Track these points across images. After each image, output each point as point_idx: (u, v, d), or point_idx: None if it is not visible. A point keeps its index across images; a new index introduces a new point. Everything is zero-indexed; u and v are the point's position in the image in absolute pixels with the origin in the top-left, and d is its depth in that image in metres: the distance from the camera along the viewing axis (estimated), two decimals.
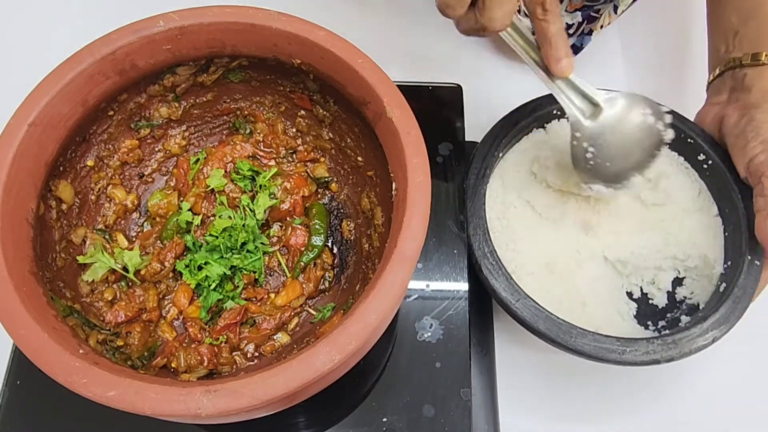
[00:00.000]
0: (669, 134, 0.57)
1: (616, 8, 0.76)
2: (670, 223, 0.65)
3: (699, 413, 0.64)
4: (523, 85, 0.81)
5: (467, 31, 0.53)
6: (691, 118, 0.67)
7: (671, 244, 0.65)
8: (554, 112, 0.67)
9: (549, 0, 0.51)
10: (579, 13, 0.76)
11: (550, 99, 0.66)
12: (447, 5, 0.50)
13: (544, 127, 0.68)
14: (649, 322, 0.62)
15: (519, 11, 0.57)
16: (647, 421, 0.64)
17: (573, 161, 0.59)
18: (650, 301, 0.64)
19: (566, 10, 0.76)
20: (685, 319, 0.61)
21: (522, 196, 0.66)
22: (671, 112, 0.59)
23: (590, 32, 0.78)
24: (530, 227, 0.65)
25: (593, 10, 0.75)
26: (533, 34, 0.55)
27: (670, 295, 0.64)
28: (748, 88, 0.62)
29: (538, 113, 0.66)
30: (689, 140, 0.65)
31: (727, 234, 0.62)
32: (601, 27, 0.78)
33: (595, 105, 0.57)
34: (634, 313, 0.63)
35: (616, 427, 0.63)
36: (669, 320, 0.62)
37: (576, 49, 0.79)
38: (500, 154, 0.65)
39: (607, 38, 0.84)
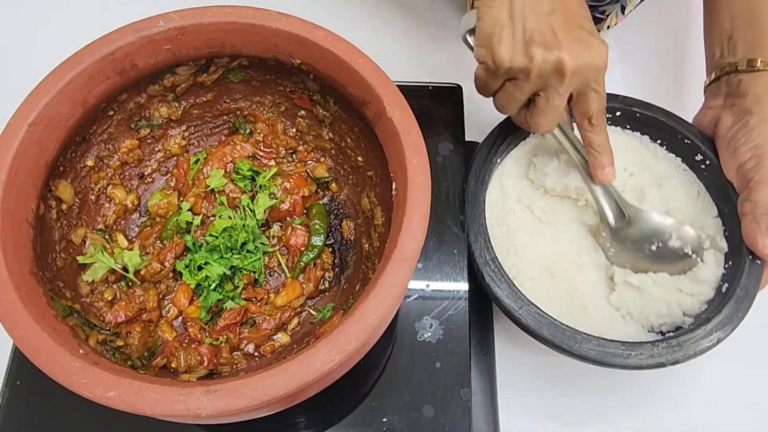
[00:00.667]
0: (709, 256, 0.61)
1: (623, 9, 0.76)
2: None
3: (701, 414, 0.64)
4: None
5: (519, 125, 0.61)
6: (690, 121, 0.67)
7: None
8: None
9: (596, 115, 0.56)
10: None
11: None
12: (502, 105, 0.57)
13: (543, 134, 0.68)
14: (651, 324, 0.62)
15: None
16: (649, 423, 0.63)
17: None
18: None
19: None
20: (687, 321, 0.61)
21: (521, 202, 0.66)
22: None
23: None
24: (530, 232, 0.65)
25: (599, 11, 0.75)
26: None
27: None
28: (743, 94, 0.62)
29: None
30: (686, 141, 0.65)
31: (727, 234, 0.62)
32: (608, 27, 0.78)
33: (623, 215, 0.61)
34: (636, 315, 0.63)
35: (617, 428, 0.63)
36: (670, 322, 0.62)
37: None
38: (498, 160, 0.65)
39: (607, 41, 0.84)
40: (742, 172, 0.59)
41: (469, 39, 0.57)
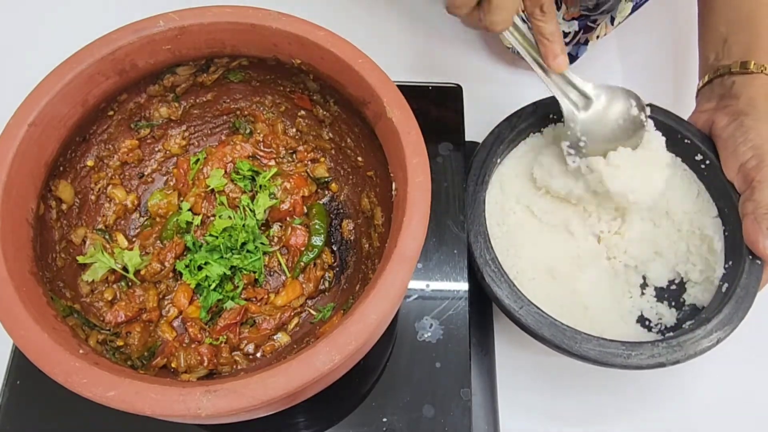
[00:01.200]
0: (650, 124, 0.62)
1: (612, 20, 0.76)
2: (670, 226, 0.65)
3: (701, 414, 0.64)
4: (523, 85, 0.81)
5: (472, 27, 0.57)
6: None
7: (672, 246, 0.65)
8: (551, 116, 0.67)
9: (547, 3, 0.55)
10: (576, 23, 0.76)
11: (546, 103, 0.66)
12: (454, 5, 0.54)
13: (541, 132, 0.68)
14: (652, 325, 0.62)
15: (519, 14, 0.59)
16: (649, 423, 0.63)
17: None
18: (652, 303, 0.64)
19: (563, 19, 0.76)
20: (687, 320, 0.61)
21: (521, 202, 0.66)
22: (650, 104, 0.63)
23: (586, 42, 0.78)
24: (530, 233, 0.65)
25: (590, 20, 0.75)
26: (532, 34, 0.58)
27: (672, 296, 0.64)
28: (736, 96, 0.62)
29: (534, 118, 0.66)
30: (686, 141, 0.65)
31: (727, 234, 0.62)
32: (597, 37, 0.78)
33: (586, 98, 0.61)
34: (637, 315, 0.63)
35: (617, 428, 0.63)
36: (671, 322, 0.62)
37: (572, 58, 0.79)
38: (498, 160, 0.65)
39: (603, 47, 0.84)
40: (743, 172, 0.59)
41: None
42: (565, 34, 0.77)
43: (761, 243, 0.56)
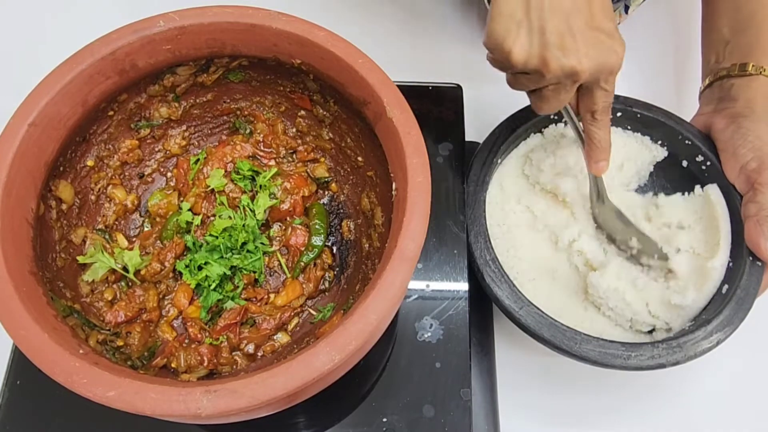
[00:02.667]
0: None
1: (627, 8, 0.76)
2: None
3: (701, 415, 0.63)
4: None
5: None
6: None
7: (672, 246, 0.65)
8: (551, 116, 0.67)
9: (600, 110, 0.55)
10: None
11: None
12: (511, 85, 0.55)
13: (541, 132, 0.68)
14: (651, 326, 0.62)
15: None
16: (649, 423, 0.63)
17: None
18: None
19: None
20: (688, 323, 0.61)
21: (521, 202, 0.66)
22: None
23: None
24: (531, 233, 0.65)
25: None
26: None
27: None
28: (734, 98, 0.62)
29: (535, 118, 0.66)
30: (687, 141, 0.65)
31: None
32: None
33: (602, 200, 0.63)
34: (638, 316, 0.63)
35: (618, 429, 0.63)
36: (670, 323, 0.62)
37: None
38: (498, 161, 0.65)
39: None
40: (745, 174, 0.59)
41: None
42: None
43: (763, 245, 0.56)
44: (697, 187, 0.65)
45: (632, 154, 0.68)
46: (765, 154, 0.58)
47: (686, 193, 0.66)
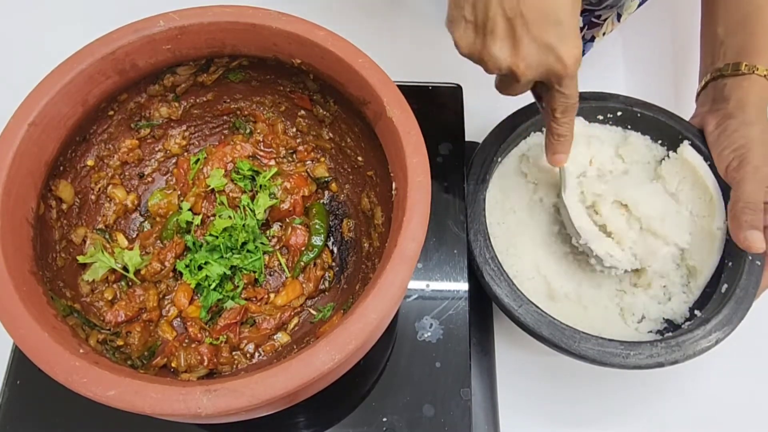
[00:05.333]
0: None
1: (619, 16, 0.76)
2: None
3: (702, 415, 0.64)
4: None
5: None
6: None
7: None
8: None
9: (560, 110, 0.54)
10: (580, 18, 0.76)
11: None
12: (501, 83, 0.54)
13: (542, 131, 0.68)
14: (651, 325, 0.62)
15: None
16: (649, 423, 0.63)
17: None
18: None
19: None
20: (686, 321, 0.61)
21: (521, 201, 0.66)
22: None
23: (592, 39, 0.78)
24: (530, 232, 0.65)
25: (594, 15, 0.75)
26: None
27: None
28: (726, 98, 0.63)
29: (536, 117, 0.66)
30: (686, 141, 0.65)
31: (728, 236, 0.62)
32: (604, 34, 0.78)
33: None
34: (638, 316, 0.63)
35: (618, 428, 0.63)
36: (669, 322, 0.62)
37: None
38: (499, 159, 0.65)
39: (608, 44, 0.84)
40: (728, 174, 0.60)
41: None
42: None
43: (741, 234, 0.57)
44: (671, 152, 0.66)
45: (634, 155, 0.68)
46: (746, 152, 0.59)
47: (663, 160, 0.67)
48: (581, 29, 0.77)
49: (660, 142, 0.68)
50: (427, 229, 0.44)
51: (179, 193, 0.61)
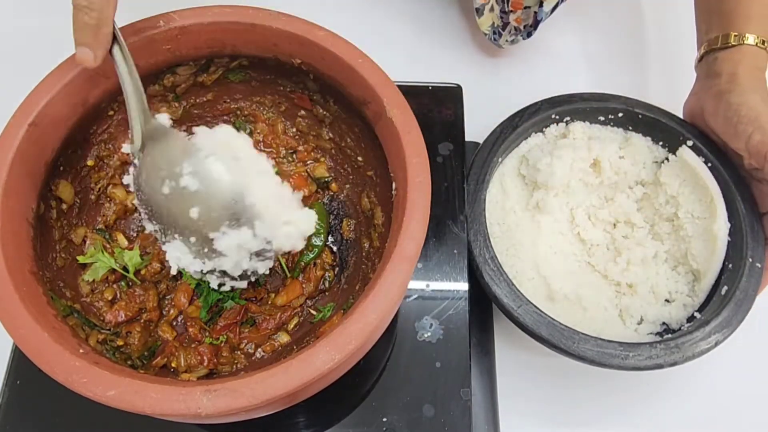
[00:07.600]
0: None
1: (530, 35, 0.74)
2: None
3: (701, 417, 0.63)
4: (523, 85, 0.81)
5: None
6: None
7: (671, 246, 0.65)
8: (553, 116, 0.67)
9: None
10: None
11: (549, 103, 0.66)
12: None
13: (542, 132, 0.68)
14: (650, 327, 0.62)
15: None
16: (649, 423, 0.63)
17: None
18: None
19: None
20: (685, 323, 0.61)
21: (521, 201, 0.66)
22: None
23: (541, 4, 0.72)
24: (530, 232, 0.65)
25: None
26: None
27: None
28: (717, 74, 0.62)
29: (537, 117, 0.66)
30: (688, 143, 0.65)
31: (729, 237, 0.62)
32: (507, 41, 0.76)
33: None
34: (637, 318, 0.63)
35: (617, 429, 0.63)
36: (669, 323, 0.62)
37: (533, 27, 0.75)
38: (499, 159, 0.65)
39: (606, 47, 0.84)
40: (752, 150, 0.58)
41: None
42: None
43: None
44: (671, 155, 0.66)
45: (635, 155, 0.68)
46: (764, 123, 0.57)
47: (662, 163, 0.67)
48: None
49: (661, 143, 0.68)
50: (427, 229, 0.44)
51: None
